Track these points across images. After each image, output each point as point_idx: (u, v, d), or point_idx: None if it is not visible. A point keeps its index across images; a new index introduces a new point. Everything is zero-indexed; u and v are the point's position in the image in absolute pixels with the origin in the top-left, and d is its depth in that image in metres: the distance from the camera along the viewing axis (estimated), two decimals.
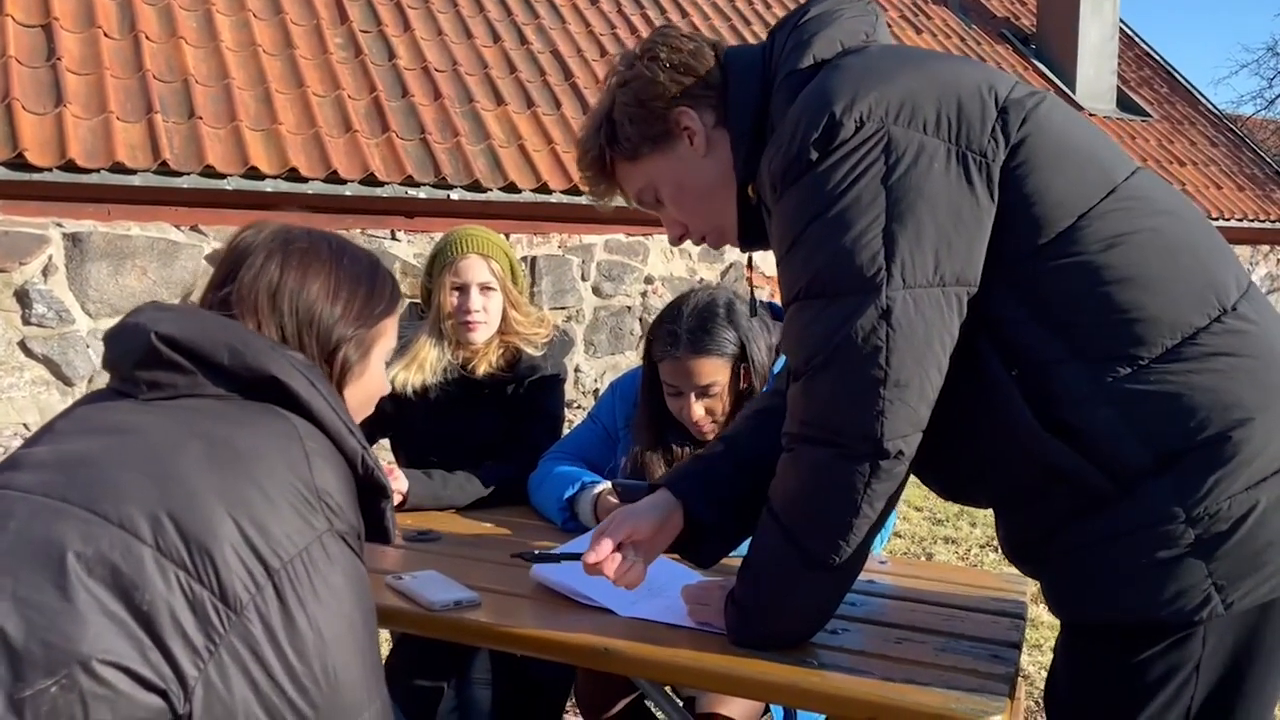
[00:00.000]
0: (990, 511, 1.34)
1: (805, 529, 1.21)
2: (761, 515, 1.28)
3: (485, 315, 2.22)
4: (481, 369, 2.24)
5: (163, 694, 0.87)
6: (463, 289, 2.21)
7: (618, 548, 1.35)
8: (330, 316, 1.14)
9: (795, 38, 1.29)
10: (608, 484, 1.91)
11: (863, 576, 1.71)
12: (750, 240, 1.39)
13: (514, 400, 2.25)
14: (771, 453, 1.27)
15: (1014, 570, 1.43)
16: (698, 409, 1.91)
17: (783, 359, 1.94)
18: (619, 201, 1.48)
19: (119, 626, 0.86)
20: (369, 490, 1.10)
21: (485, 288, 2.22)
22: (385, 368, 1.26)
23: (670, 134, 1.35)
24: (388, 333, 1.22)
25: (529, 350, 2.26)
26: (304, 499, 0.98)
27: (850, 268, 1.13)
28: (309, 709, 0.93)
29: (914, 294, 1.13)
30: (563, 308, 6.39)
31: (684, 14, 8.14)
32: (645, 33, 7.62)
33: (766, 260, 7.14)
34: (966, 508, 4.74)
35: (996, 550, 4.30)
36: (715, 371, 1.91)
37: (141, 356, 1.03)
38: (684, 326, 1.92)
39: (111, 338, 1.08)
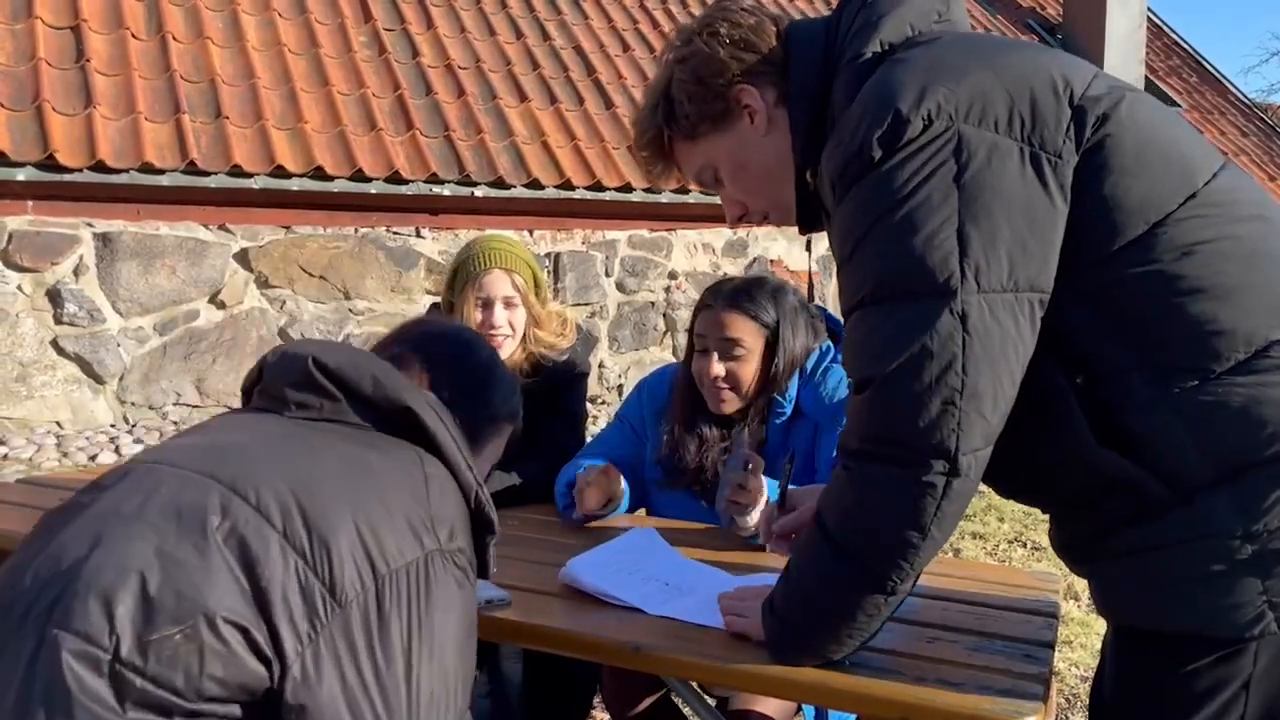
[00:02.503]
0: (1019, 507, 1.33)
1: (867, 552, 1.14)
2: (809, 532, 1.23)
3: (510, 329, 2.23)
4: None
5: (268, 664, 0.93)
6: (487, 304, 2.22)
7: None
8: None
9: (864, 17, 1.23)
10: (600, 463, 1.91)
11: None
12: (809, 222, 1.34)
13: (540, 403, 2.26)
14: None
15: (1044, 567, 1.42)
16: (717, 365, 1.92)
17: (837, 372, 1.95)
18: (666, 189, 1.50)
19: (242, 593, 0.94)
20: (478, 524, 1.17)
21: (509, 302, 2.23)
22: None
23: (730, 112, 1.30)
24: (503, 439, 1.38)
25: (553, 354, 2.26)
26: (421, 519, 1.06)
27: (922, 270, 1.07)
28: (386, 714, 0.97)
29: (988, 299, 1.07)
30: (586, 304, 6.40)
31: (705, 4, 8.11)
32: (668, 28, 7.63)
33: (792, 254, 7.13)
34: (994, 503, 4.71)
35: (1025, 546, 4.27)
36: (743, 329, 1.92)
37: (296, 379, 1.14)
38: (730, 285, 1.99)
39: (271, 364, 1.19)
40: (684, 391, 2.02)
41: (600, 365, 6.51)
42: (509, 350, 2.24)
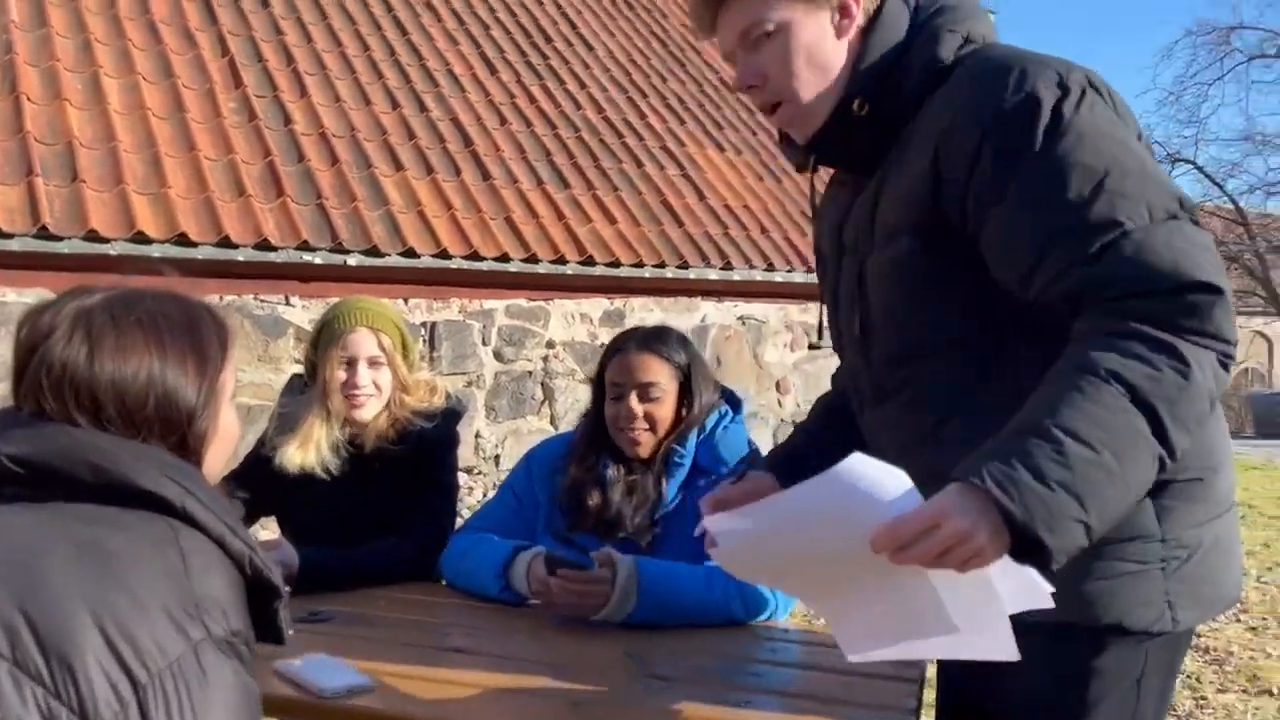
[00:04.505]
0: None
1: (1180, 426, 1.04)
2: (1111, 394, 1.04)
3: (374, 390, 2.17)
4: (371, 443, 2.19)
5: None
6: (350, 363, 2.16)
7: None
8: (172, 394, 1.06)
9: (946, 10, 1.28)
10: (540, 549, 1.88)
11: (767, 645, 1.72)
12: (822, 147, 1.31)
13: (406, 472, 2.21)
14: (846, 445, 1.27)
15: None
16: (636, 407, 1.95)
17: (735, 432, 2.00)
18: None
19: None
20: (260, 590, 1.04)
21: (373, 362, 2.18)
22: (235, 413, 1.19)
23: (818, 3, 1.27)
24: (231, 378, 1.15)
25: (420, 421, 2.21)
26: (182, 605, 0.92)
27: (1175, 191, 1.12)
28: None
29: None
30: (463, 373, 6.33)
31: (583, 85, 8.28)
32: (546, 104, 7.76)
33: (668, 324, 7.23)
34: None
35: None
36: (659, 371, 1.97)
37: None
38: (639, 331, 2.06)
39: None
40: (588, 437, 2.03)
41: (477, 435, 6.42)
42: (373, 411, 2.18)
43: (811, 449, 1.51)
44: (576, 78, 8.35)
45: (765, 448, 7.22)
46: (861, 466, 0.99)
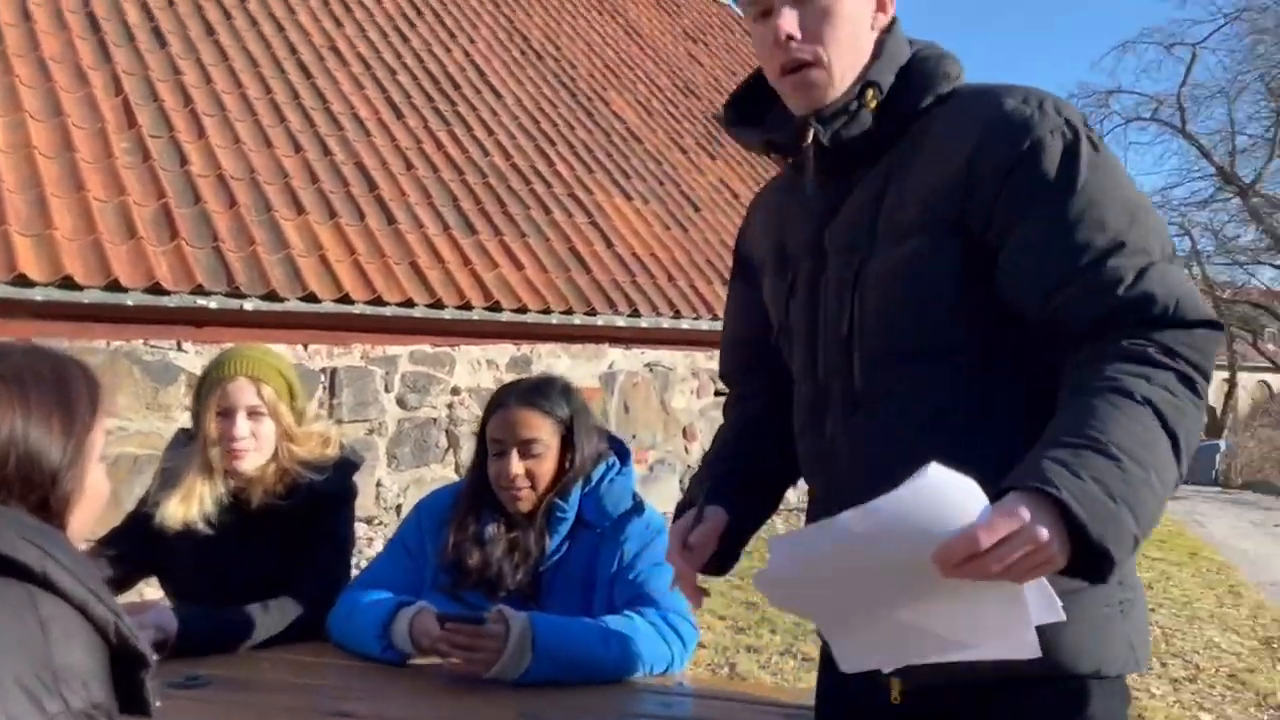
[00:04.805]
0: (791, 618, 1.36)
1: (1189, 454, 1.09)
2: (1148, 418, 1.07)
3: (254, 442, 2.10)
4: (257, 498, 2.11)
5: None
6: (228, 413, 2.09)
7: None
8: (35, 453, 1.02)
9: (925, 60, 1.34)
10: (424, 604, 1.84)
11: (663, 701, 1.70)
12: (827, 124, 1.30)
13: (296, 527, 2.14)
14: (766, 458, 1.34)
15: (814, 678, 1.47)
16: (517, 464, 1.91)
17: (621, 484, 1.98)
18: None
19: None
20: (126, 659, 0.99)
21: (253, 412, 2.10)
22: (104, 472, 1.14)
23: None
24: (100, 437, 1.11)
25: (310, 474, 2.15)
26: (37, 678, 0.87)
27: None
28: None
29: None
30: (364, 420, 6.20)
31: (490, 132, 8.30)
32: (453, 150, 7.74)
33: (575, 371, 7.21)
34: (768, 615, 4.84)
35: (795, 657, 4.40)
36: (540, 427, 1.93)
37: None
38: (521, 385, 2.02)
39: None
40: (471, 494, 2.00)
41: (378, 484, 6.28)
42: (254, 463, 2.10)
43: (746, 472, 1.50)
44: (484, 124, 8.36)
45: (673, 495, 7.31)
46: (944, 475, 0.97)
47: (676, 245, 8.28)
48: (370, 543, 6.03)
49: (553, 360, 7.16)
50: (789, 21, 1.28)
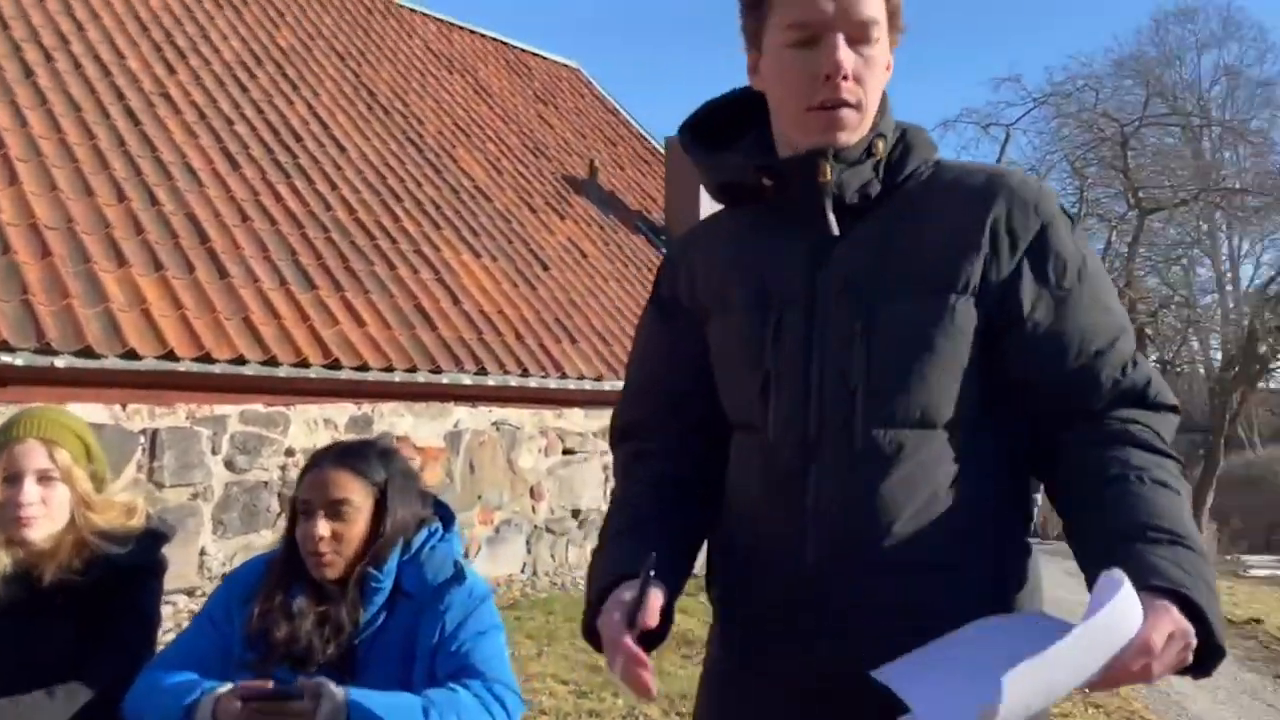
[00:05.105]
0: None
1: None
2: (1187, 508, 1.21)
3: (44, 509, 1.93)
4: (51, 572, 1.94)
5: None
6: (14, 478, 1.92)
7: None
8: None
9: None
10: (229, 686, 1.71)
11: None
12: (843, 162, 1.30)
13: (94, 604, 1.97)
14: (690, 519, 1.35)
15: None
16: (323, 526, 1.81)
17: (443, 550, 1.91)
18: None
19: None
20: None
21: (44, 477, 1.93)
22: None
23: (898, 29, 1.33)
24: None
25: (111, 546, 1.99)
26: None
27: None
28: None
29: None
30: (189, 484, 5.85)
31: (334, 186, 8.11)
32: (291, 202, 7.51)
33: (419, 429, 7.03)
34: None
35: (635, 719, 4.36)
36: (351, 488, 1.84)
37: None
38: (339, 446, 1.93)
39: None
40: (282, 562, 1.89)
41: (202, 552, 5.92)
42: (44, 532, 1.92)
43: (673, 537, 1.37)
44: (327, 178, 8.18)
45: (518, 556, 7.15)
46: (1127, 582, 0.99)
47: (525, 303, 8.26)
48: (191, 616, 5.66)
49: (396, 419, 6.97)
50: (851, 60, 1.26)
